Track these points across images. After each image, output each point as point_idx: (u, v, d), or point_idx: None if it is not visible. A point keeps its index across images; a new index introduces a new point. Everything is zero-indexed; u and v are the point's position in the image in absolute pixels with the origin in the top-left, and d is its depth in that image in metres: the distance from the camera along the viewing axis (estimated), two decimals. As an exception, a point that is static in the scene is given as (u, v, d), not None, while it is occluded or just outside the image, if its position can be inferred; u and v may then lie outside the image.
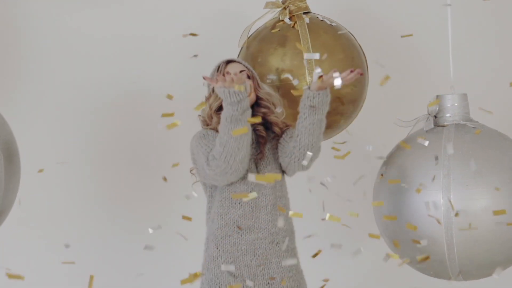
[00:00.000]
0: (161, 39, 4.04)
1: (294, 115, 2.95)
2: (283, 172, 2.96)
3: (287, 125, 2.99)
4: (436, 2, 3.56)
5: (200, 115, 3.00)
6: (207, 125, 2.95)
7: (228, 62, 2.98)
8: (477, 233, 2.88)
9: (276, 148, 2.95)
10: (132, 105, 4.07)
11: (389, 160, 3.14)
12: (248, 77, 2.96)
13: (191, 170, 3.00)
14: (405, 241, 2.98)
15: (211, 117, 2.93)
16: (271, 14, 3.48)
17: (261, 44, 3.35)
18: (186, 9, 4.05)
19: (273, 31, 3.35)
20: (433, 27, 3.96)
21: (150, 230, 2.85)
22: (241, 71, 2.96)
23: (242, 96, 2.70)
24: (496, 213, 2.81)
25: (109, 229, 4.09)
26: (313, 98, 2.79)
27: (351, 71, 2.79)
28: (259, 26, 3.50)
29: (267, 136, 2.94)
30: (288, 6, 3.39)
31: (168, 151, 4.03)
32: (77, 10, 4.03)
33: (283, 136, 2.94)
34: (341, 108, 3.28)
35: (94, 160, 4.08)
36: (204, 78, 2.77)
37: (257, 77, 3.00)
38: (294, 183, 3.06)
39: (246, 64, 3.01)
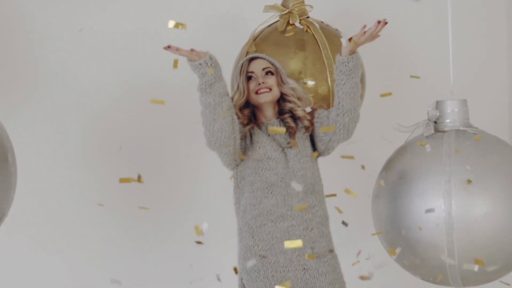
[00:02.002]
0: (164, 39, 4.04)
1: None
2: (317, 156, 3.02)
3: (313, 111, 3.04)
4: (437, 8, 3.58)
5: None
6: None
7: (252, 59, 3.00)
8: (477, 239, 2.88)
9: (306, 138, 2.99)
10: (133, 106, 4.07)
11: (389, 165, 3.13)
12: (272, 73, 2.98)
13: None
14: (406, 246, 2.98)
15: (236, 115, 2.93)
16: (274, 18, 3.50)
17: (277, 48, 3.36)
18: (188, 10, 4.07)
19: (287, 35, 3.37)
20: (433, 32, 3.96)
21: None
22: (264, 69, 2.98)
23: (203, 70, 2.76)
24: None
25: (109, 233, 4.09)
26: (348, 62, 2.86)
27: (378, 22, 2.83)
28: (257, 28, 3.51)
29: (296, 126, 2.98)
30: (293, 10, 3.40)
31: (170, 153, 4.04)
32: (83, 9, 4.03)
33: (316, 118, 2.99)
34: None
35: (95, 163, 4.08)
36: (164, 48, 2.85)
37: (282, 72, 3.02)
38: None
39: (270, 59, 3.02)
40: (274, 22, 3.49)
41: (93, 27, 4.02)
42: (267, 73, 2.98)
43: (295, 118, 3.00)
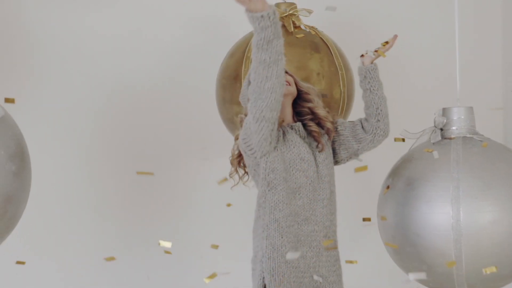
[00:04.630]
0: (160, 40, 4.12)
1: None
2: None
3: (333, 117, 3.04)
4: (442, 14, 3.57)
5: (242, 116, 2.95)
6: None
7: None
8: (485, 246, 2.88)
9: (330, 145, 2.97)
10: (131, 106, 4.08)
11: (396, 171, 3.13)
12: (287, 73, 2.94)
13: (230, 174, 3.01)
14: (412, 253, 2.97)
15: None
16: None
17: (292, 48, 3.36)
18: (174, 13, 4.09)
19: (298, 36, 3.39)
20: (440, 40, 3.98)
21: None
22: None
23: (264, 23, 2.61)
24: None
25: (105, 236, 4.07)
26: (375, 69, 2.99)
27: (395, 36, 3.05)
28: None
29: (319, 131, 2.96)
30: (294, 13, 3.42)
31: (167, 156, 4.04)
32: (80, 11, 4.05)
33: (339, 126, 3.00)
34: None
35: (95, 165, 4.07)
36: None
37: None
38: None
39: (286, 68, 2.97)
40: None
41: (90, 28, 4.05)
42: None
43: (316, 122, 2.97)
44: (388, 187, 3.11)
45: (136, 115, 4.10)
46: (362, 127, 2.99)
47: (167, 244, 2.80)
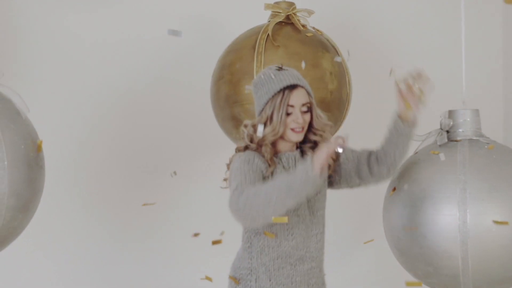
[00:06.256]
0: (154, 42, 4.15)
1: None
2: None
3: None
4: (449, 17, 3.58)
5: (245, 130, 2.80)
6: (251, 141, 2.78)
7: (293, 87, 2.72)
8: (491, 248, 2.88)
9: (324, 178, 2.88)
10: (127, 107, 4.08)
11: (402, 173, 3.12)
12: (309, 109, 2.78)
13: (224, 179, 2.88)
14: (420, 255, 2.97)
15: (259, 145, 2.74)
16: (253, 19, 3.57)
17: (304, 46, 3.38)
18: (173, 12, 4.10)
19: (308, 34, 3.40)
20: (446, 42, 3.99)
21: None
22: (303, 104, 2.74)
23: (301, 174, 2.50)
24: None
25: (100, 235, 4.08)
26: (413, 127, 2.84)
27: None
28: (246, 28, 3.55)
29: None
30: (297, 13, 3.46)
31: (166, 154, 4.04)
32: (74, 13, 4.07)
33: (345, 161, 2.88)
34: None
35: (92, 164, 4.07)
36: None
37: (315, 104, 2.82)
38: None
39: (309, 88, 2.79)
40: (280, 22, 3.48)
41: (87, 30, 4.07)
42: (305, 110, 2.76)
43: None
44: (394, 188, 3.11)
45: (132, 114, 4.11)
46: (369, 166, 2.86)
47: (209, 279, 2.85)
